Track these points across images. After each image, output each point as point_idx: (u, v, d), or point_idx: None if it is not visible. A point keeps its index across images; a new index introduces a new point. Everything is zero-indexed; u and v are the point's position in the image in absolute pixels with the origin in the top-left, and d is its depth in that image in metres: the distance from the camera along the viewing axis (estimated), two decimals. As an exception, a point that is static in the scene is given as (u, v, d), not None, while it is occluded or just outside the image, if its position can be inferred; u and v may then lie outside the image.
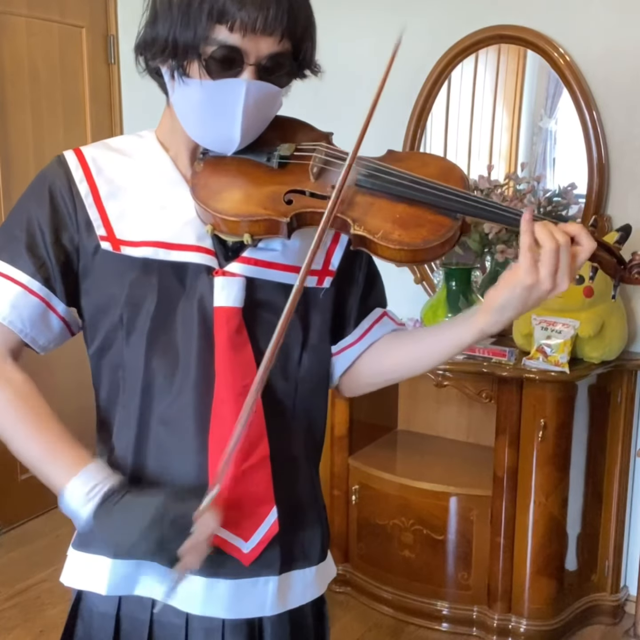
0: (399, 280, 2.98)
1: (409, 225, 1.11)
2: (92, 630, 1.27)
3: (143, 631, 1.24)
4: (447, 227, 1.12)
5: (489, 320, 1.13)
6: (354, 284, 1.29)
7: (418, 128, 3.07)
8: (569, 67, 2.76)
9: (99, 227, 1.17)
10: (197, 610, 1.22)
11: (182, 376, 1.17)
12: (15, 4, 3.30)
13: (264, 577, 1.23)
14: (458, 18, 2.95)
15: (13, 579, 3.10)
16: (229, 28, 1.06)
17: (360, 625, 2.82)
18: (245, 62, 1.08)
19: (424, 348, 1.25)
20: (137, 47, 1.15)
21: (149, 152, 1.22)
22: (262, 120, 1.16)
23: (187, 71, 1.10)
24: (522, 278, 1.06)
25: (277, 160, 1.16)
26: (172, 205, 1.18)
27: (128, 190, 1.19)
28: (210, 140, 1.16)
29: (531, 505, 2.61)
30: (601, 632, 2.81)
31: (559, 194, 2.84)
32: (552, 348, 2.53)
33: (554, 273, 1.05)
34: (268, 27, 1.06)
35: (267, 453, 1.18)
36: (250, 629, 1.24)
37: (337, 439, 2.93)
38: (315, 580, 1.30)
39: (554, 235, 1.06)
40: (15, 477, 3.49)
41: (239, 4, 1.05)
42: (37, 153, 3.42)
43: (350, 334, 1.30)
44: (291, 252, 1.20)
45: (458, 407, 3.10)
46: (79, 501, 1.11)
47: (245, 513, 1.19)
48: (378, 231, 1.11)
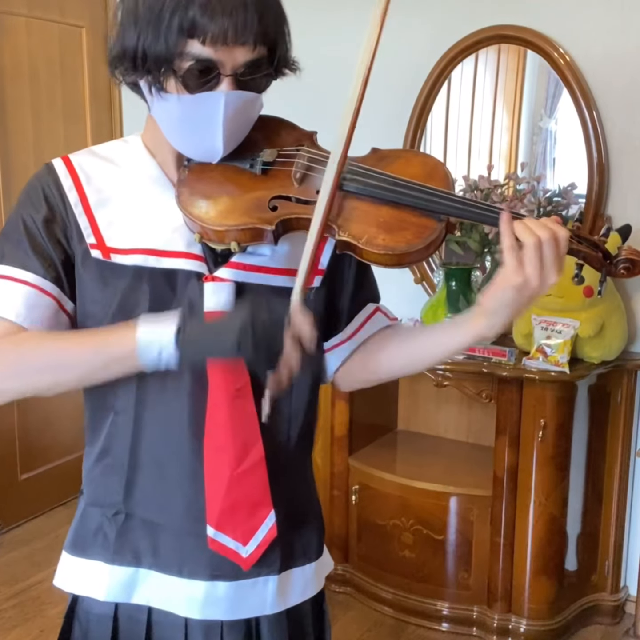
0: (399, 280, 2.98)
1: (393, 228, 1.11)
2: (90, 632, 1.26)
3: (141, 631, 1.24)
4: (432, 229, 1.11)
5: (484, 324, 1.13)
6: (344, 281, 1.28)
7: (418, 128, 3.07)
8: (569, 67, 2.76)
9: (89, 236, 1.16)
10: (196, 614, 1.22)
11: (176, 382, 1.16)
12: (15, 4, 3.29)
13: (264, 576, 1.23)
14: (458, 18, 2.95)
15: (13, 579, 3.10)
16: (201, 42, 1.05)
17: (360, 625, 2.82)
18: (222, 73, 1.07)
19: (420, 348, 1.25)
20: (111, 62, 1.13)
21: (136, 159, 1.22)
22: (244, 126, 1.15)
23: (164, 86, 1.09)
24: (510, 279, 1.06)
25: (260, 167, 1.15)
26: (161, 211, 1.18)
27: (116, 199, 1.18)
28: (193, 151, 1.16)
29: (531, 505, 2.61)
30: (601, 632, 2.81)
31: (559, 194, 2.84)
32: (552, 348, 2.53)
33: (540, 268, 1.05)
34: (240, 37, 1.05)
35: (262, 455, 1.18)
36: (248, 627, 1.25)
37: (337, 439, 2.93)
38: (314, 576, 1.30)
39: (533, 231, 1.05)
40: (15, 477, 3.49)
41: (208, 16, 1.03)
42: (37, 153, 3.42)
43: (342, 331, 1.29)
44: (280, 256, 1.19)
45: (458, 407, 3.10)
46: (155, 333, 1.06)
47: (242, 517, 1.18)
48: (362, 236, 1.10)
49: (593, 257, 1.12)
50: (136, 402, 1.18)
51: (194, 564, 1.21)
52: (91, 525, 1.24)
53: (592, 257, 1.12)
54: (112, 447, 1.21)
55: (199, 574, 1.21)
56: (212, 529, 1.18)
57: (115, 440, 1.21)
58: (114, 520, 1.22)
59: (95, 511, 1.24)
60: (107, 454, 1.22)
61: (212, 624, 1.23)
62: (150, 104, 1.15)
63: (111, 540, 1.22)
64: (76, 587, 1.26)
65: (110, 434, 1.21)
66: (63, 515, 3.52)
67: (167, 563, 1.21)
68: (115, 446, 1.21)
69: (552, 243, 1.05)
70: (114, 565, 1.22)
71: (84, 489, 1.28)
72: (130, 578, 1.22)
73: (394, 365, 1.29)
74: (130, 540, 1.22)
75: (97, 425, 1.23)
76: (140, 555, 1.22)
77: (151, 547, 1.21)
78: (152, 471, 1.19)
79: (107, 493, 1.22)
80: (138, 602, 1.23)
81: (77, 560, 1.25)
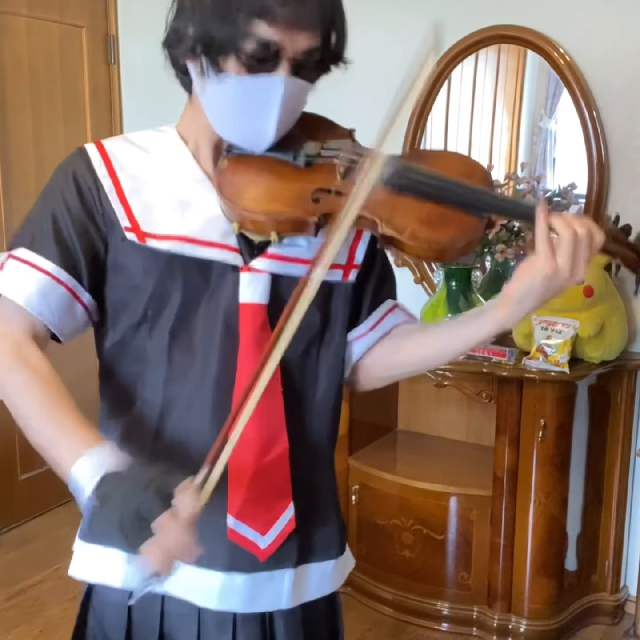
0: (399, 280, 2.95)
1: (436, 224, 1.12)
2: (105, 622, 1.27)
3: (155, 622, 1.24)
4: (474, 226, 1.13)
5: (508, 313, 1.13)
6: (371, 277, 1.30)
7: (418, 128, 3.07)
8: (569, 67, 2.76)
9: (124, 219, 1.16)
10: (213, 605, 1.22)
11: (203, 372, 1.17)
12: (15, 4, 3.29)
13: (280, 570, 1.23)
14: (458, 18, 2.95)
15: (13, 579, 3.10)
16: (268, 24, 1.05)
17: (360, 625, 2.82)
18: (282, 56, 1.08)
19: (441, 342, 1.25)
20: (165, 43, 1.13)
21: (170, 148, 1.21)
22: (294, 115, 1.15)
23: (222, 67, 1.09)
24: (542, 267, 1.07)
25: (303, 159, 1.15)
26: (195, 201, 1.18)
27: (150, 187, 1.18)
28: (241, 137, 1.15)
29: (531, 505, 2.61)
30: (601, 632, 2.81)
31: (559, 194, 2.84)
32: (552, 348, 2.53)
33: (572, 261, 1.07)
34: (307, 22, 1.06)
35: (287, 447, 1.19)
36: (262, 620, 1.25)
37: (337, 439, 2.93)
38: (333, 574, 1.30)
39: (571, 225, 1.07)
40: (15, 477, 3.49)
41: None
42: (37, 153, 3.42)
43: (363, 323, 1.30)
44: (316, 247, 1.18)
45: (458, 407, 3.10)
46: (85, 480, 1.06)
47: (263, 507, 1.19)
48: (405, 230, 1.11)
49: (628, 257, 1.15)
50: (163, 392, 1.19)
51: (211, 554, 1.19)
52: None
53: (628, 257, 1.15)
54: (134, 437, 1.21)
55: (217, 564, 1.20)
56: (233, 518, 1.18)
57: (137, 430, 1.21)
58: None
59: None
60: (127, 443, 1.21)
61: (225, 617, 1.23)
62: (199, 88, 1.14)
63: None
64: (92, 575, 1.25)
65: (132, 423, 1.21)
66: (63, 515, 3.52)
67: None
68: (136, 437, 1.21)
69: (587, 240, 1.07)
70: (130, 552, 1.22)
71: None
72: None
73: (413, 360, 1.29)
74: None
75: (117, 415, 1.23)
76: None
77: None
78: (174, 460, 1.18)
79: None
80: (154, 589, 1.22)
81: (93, 547, 1.25)
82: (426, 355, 1.27)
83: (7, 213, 3.26)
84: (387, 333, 1.31)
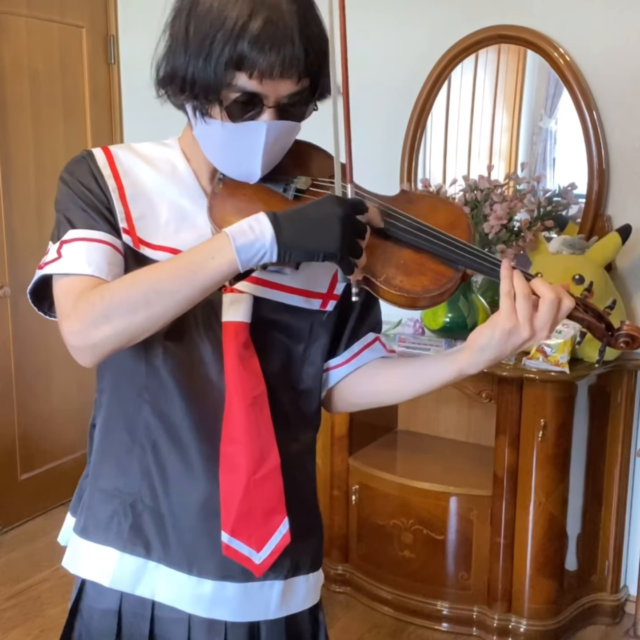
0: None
1: (412, 272, 1.14)
2: (92, 628, 1.27)
3: (144, 627, 1.24)
4: (448, 278, 1.14)
5: (468, 360, 1.16)
6: (352, 309, 1.31)
7: (418, 128, 3.07)
8: (569, 67, 2.77)
9: (122, 221, 1.17)
10: (203, 612, 1.23)
11: (194, 387, 1.19)
12: (15, 4, 3.29)
13: (270, 580, 1.24)
14: (458, 18, 2.95)
15: (13, 579, 3.10)
16: (248, 75, 1.07)
17: (360, 625, 2.82)
18: (265, 104, 1.10)
19: (409, 379, 1.28)
20: (159, 83, 1.15)
21: (173, 163, 1.23)
22: (281, 152, 1.18)
23: (208, 112, 1.12)
24: (501, 321, 1.09)
25: (292, 193, 1.18)
26: (191, 218, 1.20)
27: (150, 197, 1.20)
28: (231, 171, 1.18)
29: (531, 505, 2.61)
30: (601, 632, 2.81)
31: (559, 194, 2.84)
32: (552, 348, 2.53)
33: (531, 320, 1.08)
34: (286, 72, 1.07)
35: (278, 463, 1.19)
36: (250, 628, 1.26)
37: (337, 439, 2.93)
38: (315, 585, 1.32)
39: (537, 286, 1.09)
40: (16, 477, 3.49)
41: (257, 51, 1.05)
42: (37, 153, 3.41)
43: (340, 355, 1.32)
44: (300, 276, 1.21)
45: (458, 407, 3.10)
46: (247, 225, 1.05)
47: (257, 523, 1.19)
48: (381, 275, 1.13)
49: (596, 327, 1.16)
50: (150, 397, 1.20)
51: (204, 563, 1.22)
52: (105, 512, 1.25)
53: (595, 327, 1.16)
54: (137, 436, 1.22)
55: (209, 573, 1.22)
56: (227, 535, 1.19)
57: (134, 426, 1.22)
58: (130, 510, 1.23)
59: (111, 498, 1.25)
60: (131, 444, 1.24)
61: (216, 623, 1.23)
62: (194, 124, 1.17)
63: (125, 529, 1.23)
64: (83, 570, 1.27)
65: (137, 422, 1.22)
66: (63, 516, 3.50)
67: (177, 559, 1.22)
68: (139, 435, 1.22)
69: (553, 305, 1.08)
70: (124, 553, 1.23)
71: (89, 472, 1.30)
72: (139, 569, 1.23)
73: (383, 393, 1.33)
74: (144, 531, 1.23)
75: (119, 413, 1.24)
76: (151, 548, 1.23)
77: (163, 541, 1.22)
78: (173, 465, 1.21)
79: (128, 482, 1.23)
80: (143, 594, 1.23)
81: (87, 544, 1.26)
82: (391, 390, 1.31)
83: (7, 213, 3.24)
84: (362, 366, 1.33)
